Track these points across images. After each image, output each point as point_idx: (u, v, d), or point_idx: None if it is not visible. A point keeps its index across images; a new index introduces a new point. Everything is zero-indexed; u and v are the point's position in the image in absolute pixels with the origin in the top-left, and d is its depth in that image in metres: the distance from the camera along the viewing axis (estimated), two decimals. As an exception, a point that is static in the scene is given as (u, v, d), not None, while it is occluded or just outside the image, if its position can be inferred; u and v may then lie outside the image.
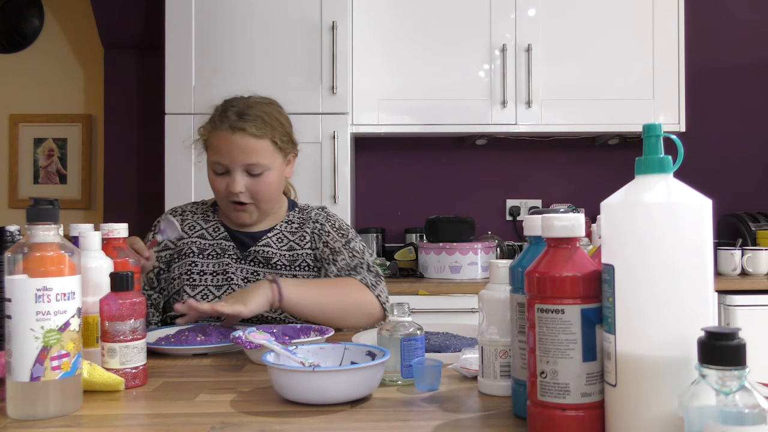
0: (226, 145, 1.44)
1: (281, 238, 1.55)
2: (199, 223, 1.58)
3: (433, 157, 3.07)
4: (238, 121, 1.44)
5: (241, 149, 1.43)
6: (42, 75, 3.27)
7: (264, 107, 1.49)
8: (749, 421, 0.55)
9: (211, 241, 1.54)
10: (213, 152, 1.48)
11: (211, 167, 1.49)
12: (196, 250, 1.52)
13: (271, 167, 1.47)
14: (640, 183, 0.68)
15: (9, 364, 0.82)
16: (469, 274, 2.54)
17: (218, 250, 1.53)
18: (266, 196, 1.49)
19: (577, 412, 0.68)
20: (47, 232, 0.85)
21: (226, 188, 1.47)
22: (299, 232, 1.56)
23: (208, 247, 1.53)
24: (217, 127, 1.46)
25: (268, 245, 1.53)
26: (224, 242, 1.54)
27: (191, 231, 1.56)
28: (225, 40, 2.55)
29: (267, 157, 1.46)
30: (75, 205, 3.24)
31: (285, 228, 1.57)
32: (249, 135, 1.44)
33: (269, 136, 1.46)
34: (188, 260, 1.51)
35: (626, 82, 2.70)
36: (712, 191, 1.03)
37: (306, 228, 1.57)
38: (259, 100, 1.52)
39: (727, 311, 2.39)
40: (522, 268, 0.77)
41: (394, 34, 2.71)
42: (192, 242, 1.54)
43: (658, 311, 0.64)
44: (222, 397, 0.91)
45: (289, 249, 1.54)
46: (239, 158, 1.44)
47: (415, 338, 0.98)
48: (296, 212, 1.61)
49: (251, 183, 1.46)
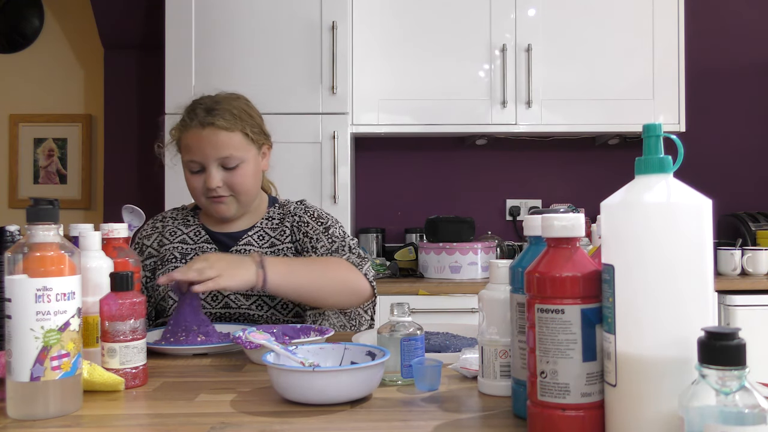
0: (197, 141, 1.45)
1: (262, 235, 1.54)
2: (179, 228, 1.57)
3: (433, 157, 3.07)
4: (207, 117, 1.45)
5: (213, 144, 1.44)
6: (42, 75, 3.27)
7: (232, 101, 1.50)
8: (749, 421, 0.55)
9: (192, 245, 1.54)
10: (186, 151, 1.48)
11: (186, 167, 1.49)
12: (179, 255, 1.52)
13: (245, 159, 1.48)
14: (640, 183, 0.68)
15: (9, 364, 0.82)
16: (469, 274, 2.54)
17: (200, 253, 1.52)
18: (244, 188, 1.49)
19: (577, 412, 0.68)
20: (47, 232, 0.85)
21: (203, 185, 1.47)
22: (280, 228, 1.55)
23: (191, 251, 1.53)
24: (187, 126, 1.47)
25: (249, 244, 1.52)
26: (206, 245, 1.53)
27: (172, 237, 1.56)
28: (225, 40, 2.55)
29: (240, 149, 1.47)
30: (75, 205, 3.24)
31: (266, 225, 1.56)
32: (219, 128, 1.44)
33: (239, 128, 1.47)
34: (171, 266, 1.51)
35: (626, 82, 2.71)
36: (712, 191, 1.03)
37: (286, 223, 1.56)
38: (226, 95, 1.53)
39: (727, 311, 2.39)
40: (522, 268, 0.77)
41: (394, 34, 2.71)
42: (174, 248, 1.54)
43: (658, 311, 0.64)
44: (222, 397, 0.91)
45: (271, 245, 1.53)
46: (212, 153, 1.44)
47: (415, 338, 0.98)
48: (276, 208, 1.60)
49: (227, 176, 1.46)
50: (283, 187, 1.93)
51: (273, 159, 1.62)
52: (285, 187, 2.01)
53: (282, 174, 2.48)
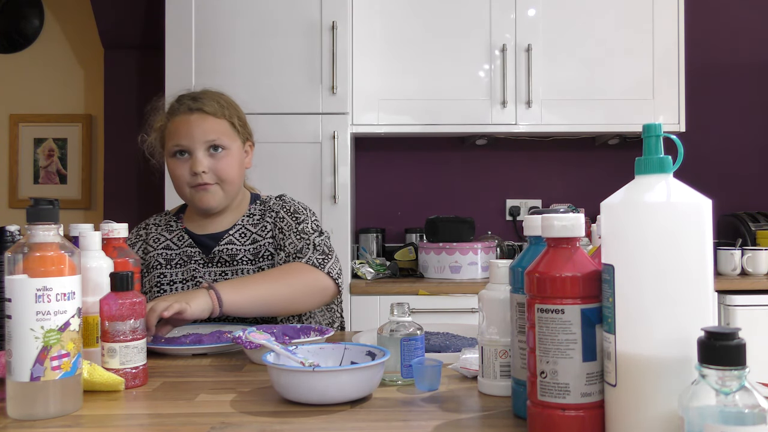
0: (185, 126, 1.46)
1: (244, 232, 1.53)
2: (163, 234, 1.57)
3: (433, 157, 3.07)
4: (195, 103, 1.48)
5: (201, 128, 1.46)
6: (42, 75, 3.27)
7: (217, 94, 1.54)
8: (749, 421, 0.55)
9: (177, 250, 1.54)
10: (172, 137, 1.49)
11: (171, 154, 1.49)
12: (163, 261, 1.52)
13: (231, 147, 1.49)
14: (640, 183, 0.68)
15: (9, 364, 0.82)
16: (469, 274, 2.54)
17: (184, 257, 1.52)
18: (229, 176, 1.49)
19: (577, 412, 0.68)
20: (47, 232, 0.85)
21: (189, 171, 1.47)
22: (261, 224, 1.55)
23: (175, 256, 1.53)
24: (174, 113, 1.49)
25: (231, 242, 1.52)
26: (189, 249, 1.53)
27: (156, 244, 1.55)
28: (225, 40, 2.55)
29: (226, 136, 1.49)
30: (75, 205, 3.24)
31: (247, 222, 1.55)
32: (207, 114, 1.48)
33: (227, 116, 1.50)
34: (156, 272, 1.51)
35: (626, 82, 2.70)
36: (712, 191, 1.03)
37: (266, 218, 1.56)
38: (210, 89, 1.56)
39: (727, 311, 2.39)
40: (522, 268, 0.77)
41: (394, 34, 2.71)
42: (158, 254, 1.53)
43: (658, 311, 0.64)
44: (222, 397, 0.91)
45: (252, 242, 1.52)
46: (200, 136, 1.46)
47: (415, 338, 0.98)
48: (258, 205, 1.60)
49: (213, 163, 1.47)
50: (283, 187, 1.93)
51: (273, 159, 1.63)
52: (285, 187, 2.01)
53: (282, 174, 2.50)
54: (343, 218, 2.52)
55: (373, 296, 2.42)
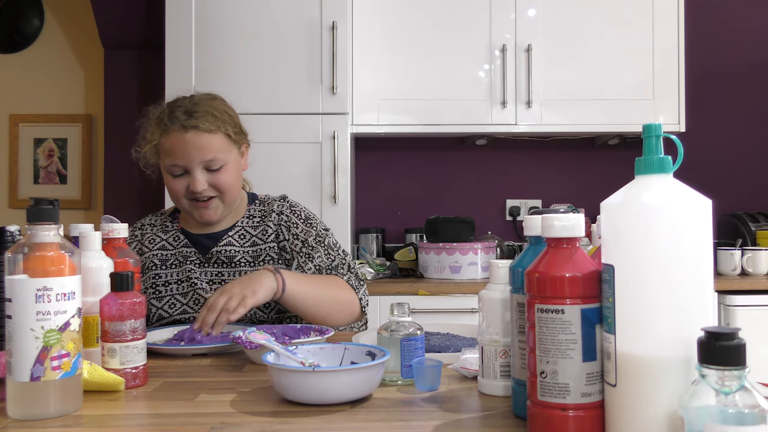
0: (180, 145, 1.42)
1: (243, 234, 1.53)
2: (158, 235, 1.56)
3: (433, 157, 3.07)
4: (189, 119, 1.42)
5: (197, 147, 1.42)
6: (42, 75, 3.27)
7: (210, 102, 1.48)
8: (749, 421, 0.55)
9: (172, 250, 1.53)
10: (167, 155, 1.45)
11: (167, 171, 1.46)
12: (158, 262, 1.52)
13: (228, 161, 1.46)
14: (640, 183, 0.68)
15: (9, 364, 0.82)
16: (469, 274, 2.54)
17: (180, 258, 1.51)
18: (228, 188, 1.47)
19: (577, 412, 0.68)
20: (47, 232, 0.85)
21: (186, 189, 1.45)
22: (261, 226, 1.54)
23: (170, 257, 1.52)
24: (168, 129, 1.44)
25: (230, 244, 1.51)
26: (185, 249, 1.52)
27: (151, 245, 1.55)
28: (225, 40, 2.55)
29: (223, 150, 1.45)
30: (75, 205, 3.24)
31: (246, 223, 1.54)
32: (202, 131, 1.42)
33: (222, 129, 1.45)
34: (152, 273, 1.51)
35: (626, 82, 2.70)
36: (712, 191, 1.03)
37: (269, 221, 1.54)
38: (202, 96, 1.51)
39: (727, 311, 2.39)
40: (522, 268, 0.77)
41: (394, 34, 2.71)
42: (153, 255, 1.53)
43: (658, 311, 0.64)
44: (222, 397, 0.91)
45: (252, 245, 1.52)
46: (197, 156, 1.42)
47: (415, 338, 0.98)
48: (257, 205, 1.58)
49: (211, 178, 1.45)
50: (283, 187, 1.93)
51: (273, 159, 1.63)
52: (285, 187, 2.01)
53: (282, 174, 2.50)
54: (343, 218, 2.52)
55: (373, 296, 2.42)
